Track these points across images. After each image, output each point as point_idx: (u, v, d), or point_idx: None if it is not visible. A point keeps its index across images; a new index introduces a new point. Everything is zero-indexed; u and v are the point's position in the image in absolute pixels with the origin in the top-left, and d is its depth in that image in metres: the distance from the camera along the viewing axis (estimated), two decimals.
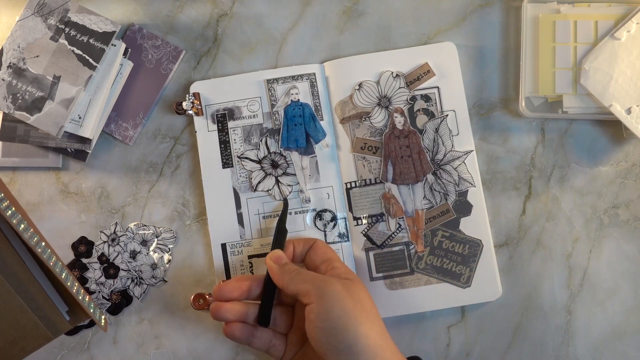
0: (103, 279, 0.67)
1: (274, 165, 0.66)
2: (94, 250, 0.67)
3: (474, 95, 0.68)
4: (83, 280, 0.67)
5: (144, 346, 0.67)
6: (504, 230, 0.67)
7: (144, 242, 0.67)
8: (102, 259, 0.67)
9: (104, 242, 0.67)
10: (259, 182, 0.66)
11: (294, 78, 0.68)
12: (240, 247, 0.67)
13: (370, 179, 0.67)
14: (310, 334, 0.56)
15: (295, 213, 0.67)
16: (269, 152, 0.67)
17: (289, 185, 0.67)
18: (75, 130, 0.65)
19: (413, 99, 0.67)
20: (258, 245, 0.67)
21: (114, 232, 0.67)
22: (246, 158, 0.67)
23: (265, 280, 0.62)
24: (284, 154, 0.67)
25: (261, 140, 0.67)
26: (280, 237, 0.64)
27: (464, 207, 0.66)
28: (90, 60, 0.64)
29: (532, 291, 0.66)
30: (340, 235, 0.67)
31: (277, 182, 0.67)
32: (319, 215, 0.67)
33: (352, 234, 0.67)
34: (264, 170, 0.67)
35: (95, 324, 0.66)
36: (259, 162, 0.67)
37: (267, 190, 0.67)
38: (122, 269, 0.67)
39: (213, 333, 0.67)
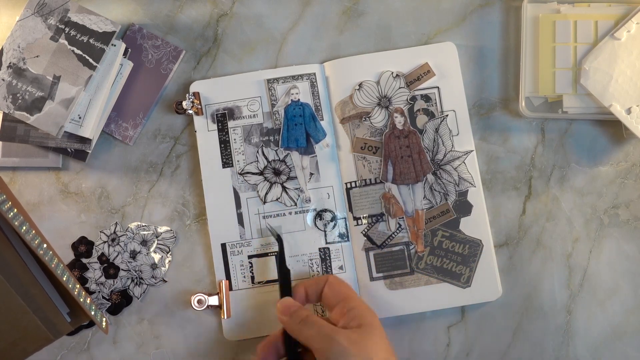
0: (103, 279, 0.67)
1: (277, 172, 0.66)
2: (94, 250, 0.67)
3: (474, 95, 0.68)
4: (83, 280, 0.67)
5: (143, 346, 0.67)
6: (504, 230, 0.67)
7: (144, 242, 0.67)
8: (102, 259, 0.67)
9: (104, 242, 0.67)
10: (267, 193, 0.66)
11: (294, 78, 0.68)
12: (240, 247, 0.67)
13: (370, 179, 0.67)
14: None
15: (296, 213, 0.67)
16: (268, 161, 0.67)
17: (296, 189, 0.67)
18: (75, 130, 0.65)
19: (413, 99, 0.67)
20: (258, 245, 0.67)
21: (114, 232, 0.67)
22: (248, 173, 0.67)
23: (283, 333, 0.61)
24: (283, 159, 0.67)
25: (258, 152, 0.67)
26: (284, 281, 0.63)
27: (464, 207, 0.66)
28: (90, 60, 0.64)
29: (532, 291, 0.66)
30: (340, 235, 0.67)
31: (284, 188, 0.67)
32: (319, 215, 0.67)
33: (352, 234, 0.67)
34: (268, 180, 0.66)
35: (95, 323, 0.66)
36: (261, 173, 0.67)
37: (277, 199, 0.67)
38: (122, 269, 0.67)
39: (213, 333, 0.67)
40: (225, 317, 0.65)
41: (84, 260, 0.67)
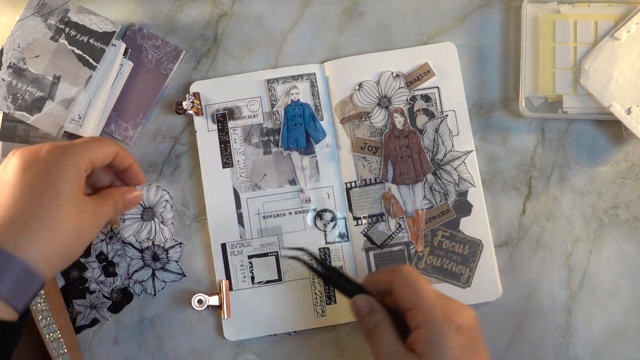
0: (103, 277, 0.67)
1: (155, 258, 0.67)
2: (92, 249, 0.67)
3: (474, 95, 0.68)
4: (82, 280, 0.67)
5: (145, 346, 0.67)
6: (504, 230, 0.67)
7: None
8: (101, 257, 0.67)
9: (102, 240, 0.67)
10: (135, 271, 0.67)
11: (294, 78, 0.68)
12: (240, 247, 0.67)
13: (370, 179, 0.67)
14: None
15: (296, 213, 0.67)
16: (153, 245, 0.66)
17: (164, 282, 0.66)
18: (75, 130, 0.65)
19: (413, 99, 0.67)
20: (258, 245, 0.67)
21: (111, 229, 0.67)
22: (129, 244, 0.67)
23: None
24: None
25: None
26: (340, 280, 0.57)
27: (464, 207, 0.66)
28: (90, 60, 0.64)
29: (532, 291, 0.66)
30: (340, 235, 0.67)
31: (153, 275, 0.67)
32: (319, 215, 0.67)
33: (352, 234, 0.67)
34: (143, 261, 0.67)
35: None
36: (141, 251, 0.67)
37: (142, 282, 0.67)
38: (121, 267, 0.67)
39: (213, 333, 0.67)
40: (225, 317, 0.65)
41: (82, 260, 0.67)
